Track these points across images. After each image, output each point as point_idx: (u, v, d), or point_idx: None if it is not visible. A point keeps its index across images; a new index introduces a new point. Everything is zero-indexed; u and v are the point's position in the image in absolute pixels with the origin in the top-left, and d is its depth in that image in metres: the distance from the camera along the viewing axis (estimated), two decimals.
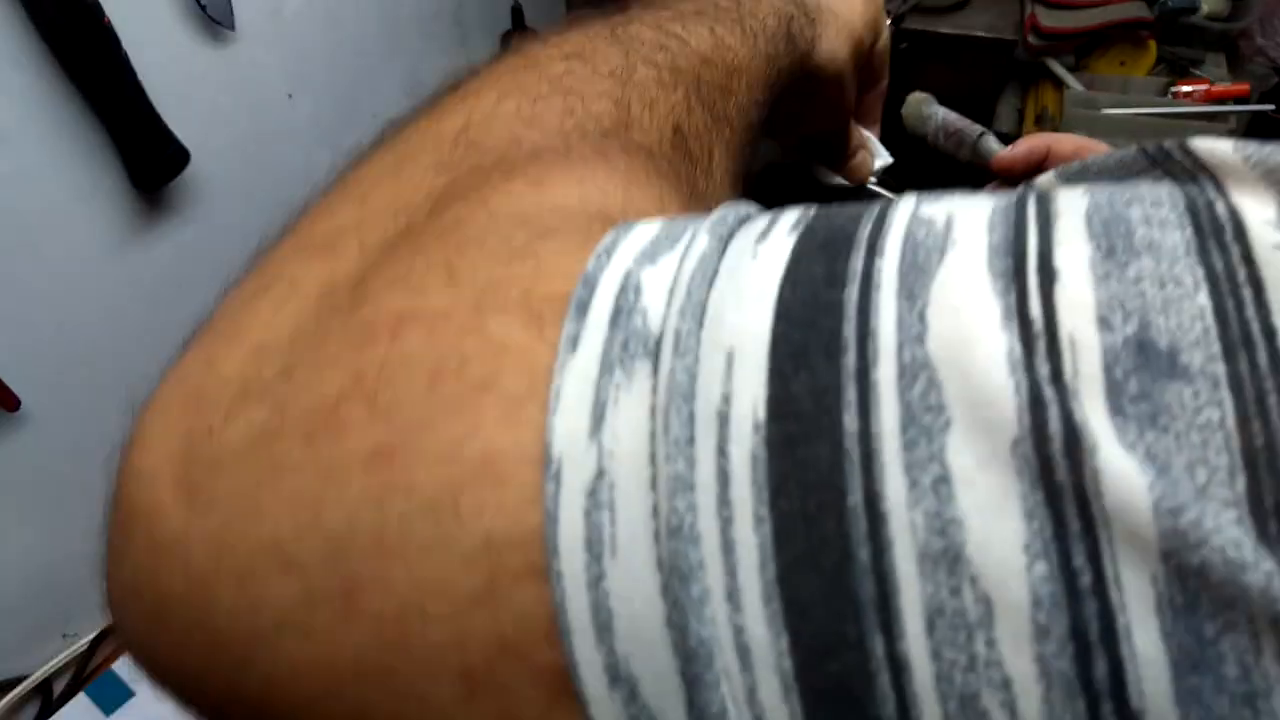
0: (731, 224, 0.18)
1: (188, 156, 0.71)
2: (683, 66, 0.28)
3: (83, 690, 0.79)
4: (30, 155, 0.64)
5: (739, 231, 0.18)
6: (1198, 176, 0.16)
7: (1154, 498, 0.12)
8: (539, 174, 0.22)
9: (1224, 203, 0.15)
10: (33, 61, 0.61)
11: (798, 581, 0.14)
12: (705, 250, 0.17)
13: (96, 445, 0.87)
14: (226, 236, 0.81)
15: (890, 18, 1.39)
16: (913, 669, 0.13)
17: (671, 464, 0.15)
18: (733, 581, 0.14)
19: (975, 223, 0.16)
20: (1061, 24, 1.44)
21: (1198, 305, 0.14)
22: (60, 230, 0.68)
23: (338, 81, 0.85)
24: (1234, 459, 0.13)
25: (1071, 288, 0.14)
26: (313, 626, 0.16)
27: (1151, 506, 0.12)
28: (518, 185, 0.21)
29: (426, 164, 0.23)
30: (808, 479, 0.14)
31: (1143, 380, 0.13)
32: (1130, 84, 1.46)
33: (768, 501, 0.14)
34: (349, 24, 0.84)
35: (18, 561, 0.77)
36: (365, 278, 0.20)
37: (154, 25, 0.67)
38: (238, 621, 0.17)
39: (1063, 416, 0.13)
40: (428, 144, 0.24)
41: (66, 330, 0.72)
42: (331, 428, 0.17)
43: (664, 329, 0.16)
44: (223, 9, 0.70)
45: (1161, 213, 0.15)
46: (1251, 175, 0.15)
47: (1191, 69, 1.47)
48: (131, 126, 0.66)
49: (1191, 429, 0.13)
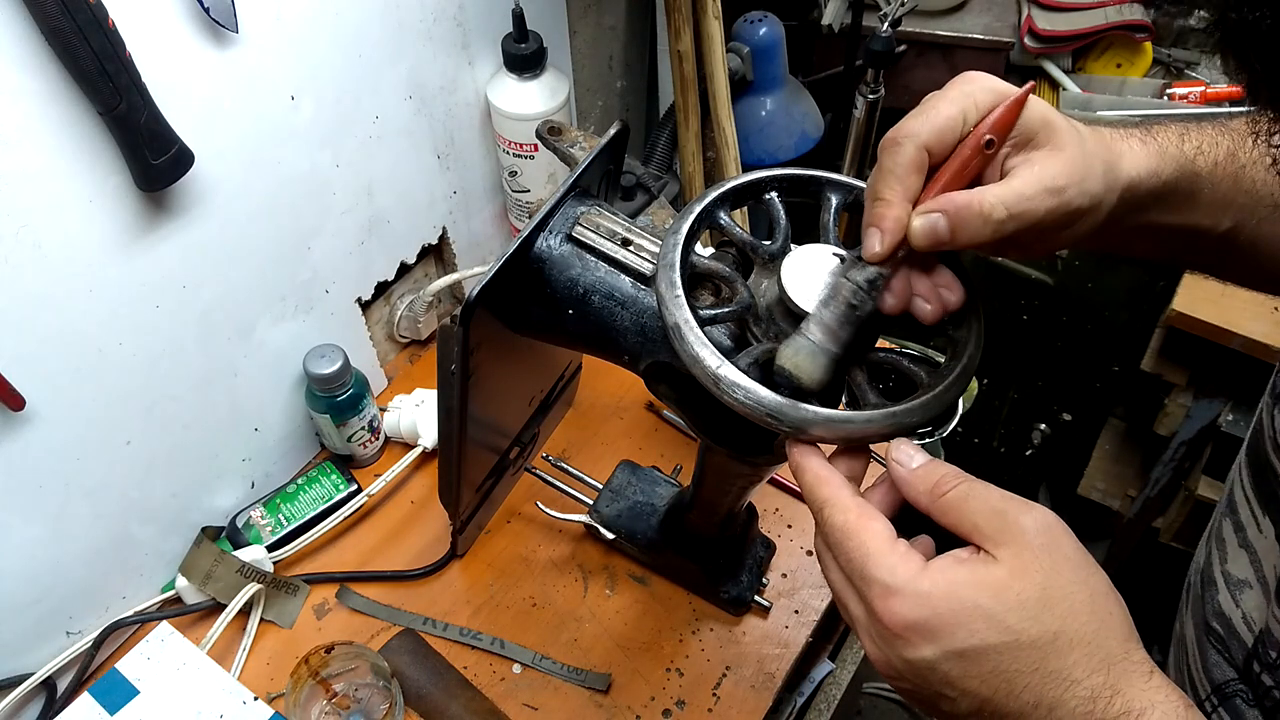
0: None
1: (192, 158, 0.72)
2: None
3: (86, 689, 0.79)
4: (35, 156, 0.64)
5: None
6: None
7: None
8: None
9: None
10: (37, 63, 0.61)
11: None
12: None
13: (101, 444, 0.88)
14: (230, 237, 0.82)
15: (887, 20, 1.40)
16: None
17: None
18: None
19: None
20: (1058, 27, 1.45)
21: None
22: (65, 231, 0.68)
23: (340, 83, 0.86)
24: None
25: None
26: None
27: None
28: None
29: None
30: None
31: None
32: (1127, 86, 1.47)
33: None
34: (351, 26, 0.84)
35: (22, 559, 0.78)
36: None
37: (158, 27, 0.68)
38: None
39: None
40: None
41: (71, 330, 0.73)
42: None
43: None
44: (225, 11, 0.71)
45: None
46: None
47: (1187, 71, 1.48)
48: (136, 128, 0.66)
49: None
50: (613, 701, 0.87)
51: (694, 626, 0.92)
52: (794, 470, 0.51)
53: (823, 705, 0.99)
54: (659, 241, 0.66)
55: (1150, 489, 1.57)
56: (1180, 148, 0.52)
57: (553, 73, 1.04)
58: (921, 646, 0.43)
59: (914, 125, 0.49)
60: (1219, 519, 0.67)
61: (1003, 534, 0.44)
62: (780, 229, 0.60)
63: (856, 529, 0.46)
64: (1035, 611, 0.42)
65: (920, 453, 0.49)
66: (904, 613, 0.43)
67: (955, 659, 0.42)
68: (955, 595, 0.43)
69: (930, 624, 0.43)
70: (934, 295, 0.51)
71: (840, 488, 0.48)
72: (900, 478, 0.48)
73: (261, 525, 0.95)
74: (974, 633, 0.42)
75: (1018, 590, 0.42)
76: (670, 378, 0.64)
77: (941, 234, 0.48)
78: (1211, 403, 1.43)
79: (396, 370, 1.14)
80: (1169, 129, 0.53)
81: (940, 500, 0.46)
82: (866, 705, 1.87)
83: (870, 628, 0.46)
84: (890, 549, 0.45)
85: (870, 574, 0.44)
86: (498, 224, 1.19)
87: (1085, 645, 0.42)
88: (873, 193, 0.50)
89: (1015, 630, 0.42)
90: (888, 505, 0.49)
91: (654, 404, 1.10)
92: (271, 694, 0.84)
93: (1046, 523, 0.44)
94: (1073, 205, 0.48)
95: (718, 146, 1.31)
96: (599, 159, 0.71)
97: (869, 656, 0.47)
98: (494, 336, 0.69)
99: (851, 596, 0.47)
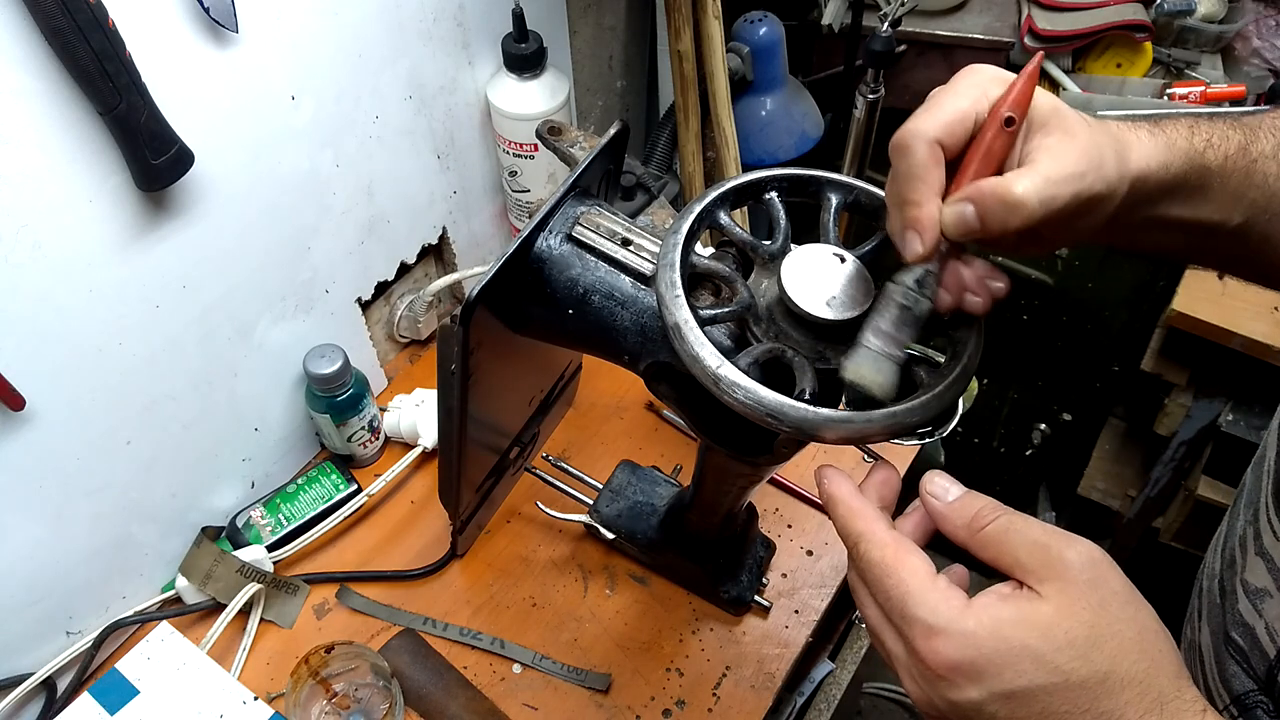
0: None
1: (192, 158, 0.72)
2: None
3: (86, 689, 0.79)
4: (35, 156, 0.64)
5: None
6: None
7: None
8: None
9: None
10: (37, 63, 0.61)
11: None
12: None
13: (101, 444, 0.88)
14: (230, 237, 0.82)
15: (887, 21, 1.39)
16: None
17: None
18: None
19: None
20: (1058, 26, 1.45)
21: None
22: (65, 231, 0.68)
23: (340, 83, 0.86)
24: None
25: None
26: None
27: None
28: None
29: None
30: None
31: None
32: (1127, 86, 1.47)
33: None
34: (351, 26, 0.84)
35: (22, 559, 0.78)
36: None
37: (158, 27, 0.68)
38: None
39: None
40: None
41: (71, 330, 0.73)
42: None
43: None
44: (225, 11, 0.71)
45: None
46: None
47: (1188, 71, 1.48)
48: (136, 128, 0.66)
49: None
50: (613, 701, 0.87)
51: (694, 626, 0.92)
52: (825, 502, 0.50)
53: (823, 705, 0.99)
54: (659, 241, 0.66)
55: (1150, 489, 1.57)
56: (1190, 141, 0.51)
57: (553, 73, 1.04)
58: (967, 688, 0.42)
59: (920, 122, 0.48)
60: (1243, 526, 0.66)
61: (1047, 569, 0.43)
62: (780, 229, 0.60)
63: (895, 566, 0.45)
64: (1084, 650, 0.41)
65: (955, 484, 0.48)
66: (948, 653, 0.42)
67: (1003, 700, 0.42)
68: (1001, 635, 0.42)
69: (977, 665, 0.42)
70: (982, 287, 0.50)
71: (875, 521, 0.47)
72: (937, 511, 0.47)
73: (261, 525, 0.95)
74: (1022, 673, 0.41)
75: (1066, 629, 0.41)
76: (670, 378, 0.64)
77: (971, 222, 0.47)
78: (1211, 403, 1.43)
79: (396, 370, 1.14)
80: (1178, 122, 0.52)
81: (980, 535, 0.45)
82: (866, 705, 1.87)
83: (911, 667, 0.45)
84: (931, 586, 0.44)
85: (911, 613, 0.43)
86: (498, 224, 1.19)
87: (1137, 685, 0.41)
88: (898, 198, 0.49)
89: (1065, 671, 0.41)
90: (921, 534, 0.48)
91: (654, 404, 1.10)
92: (271, 694, 0.84)
93: (1092, 557, 0.43)
94: (1092, 191, 0.47)
95: (718, 146, 1.31)
96: (599, 159, 0.71)
97: (910, 695, 0.46)
98: (494, 336, 0.69)
99: (890, 634, 0.46)
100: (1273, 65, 1.47)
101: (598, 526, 0.92)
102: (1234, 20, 1.49)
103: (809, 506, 1.01)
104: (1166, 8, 1.45)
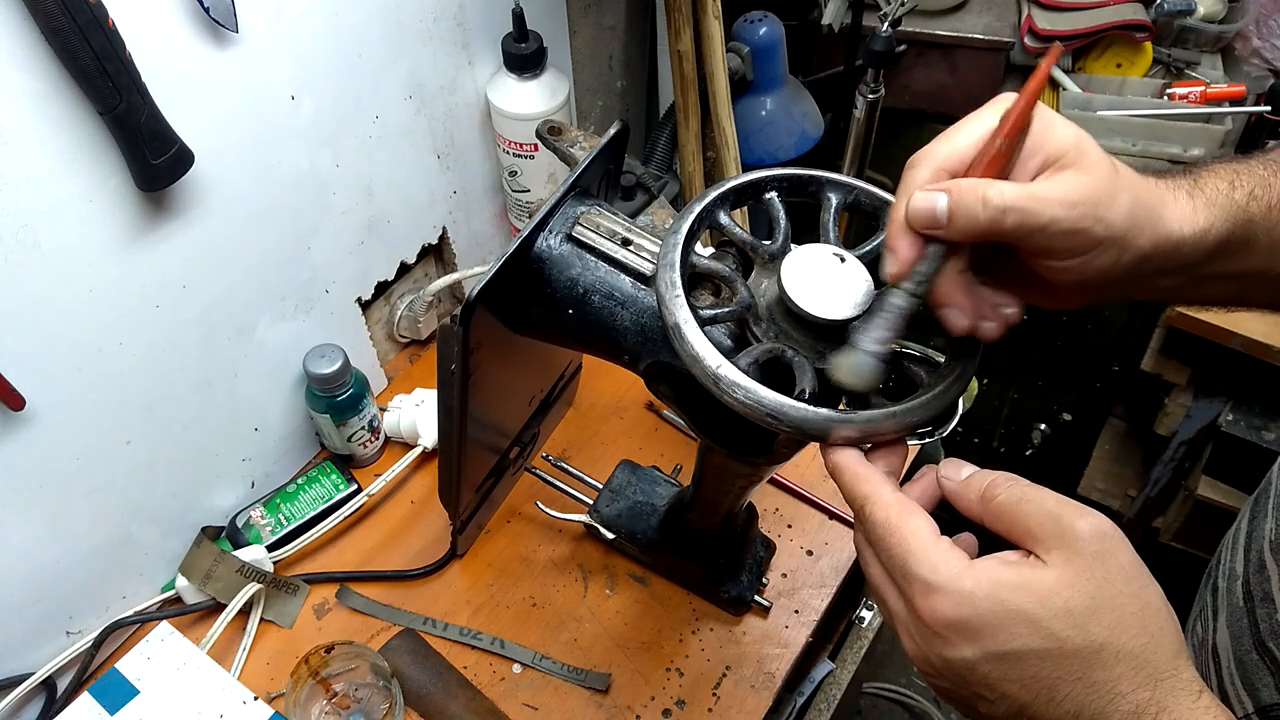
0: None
1: (192, 158, 0.72)
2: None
3: (86, 689, 0.79)
4: (34, 156, 0.64)
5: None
6: None
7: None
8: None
9: None
10: (37, 63, 0.61)
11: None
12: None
13: (101, 444, 0.88)
14: (230, 237, 0.82)
15: (887, 20, 1.39)
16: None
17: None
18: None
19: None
20: (1058, 26, 1.45)
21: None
22: (65, 231, 0.68)
23: (340, 83, 0.86)
24: None
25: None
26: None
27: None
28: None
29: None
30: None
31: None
32: (1127, 86, 1.47)
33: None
34: (351, 26, 0.84)
35: (22, 559, 0.78)
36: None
37: (158, 27, 0.68)
38: None
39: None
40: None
41: (71, 330, 0.73)
42: None
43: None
44: (225, 11, 0.71)
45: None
46: None
47: (1188, 71, 1.48)
48: (136, 128, 0.66)
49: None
50: (613, 701, 0.87)
51: (694, 626, 0.92)
52: (831, 471, 0.50)
53: (823, 705, 0.99)
54: (659, 241, 0.66)
55: (1150, 489, 1.57)
56: (1231, 196, 0.50)
57: (553, 73, 1.04)
58: (961, 646, 0.43)
59: (932, 147, 0.49)
60: (1273, 530, 0.65)
61: (1056, 538, 0.43)
62: (780, 229, 0.60)
63: (898, 525, 0.45)
64: (1081, 620, 0.41)
65: (968, 465, 0.48)
66: (944, 610, 0.43)
67: (995, 661, 0.42)
68: (997, 597, 0.42)
69: (971, 624, 0.42)
70: (996, 314, 0.50)
71: (881, 484, 0.48)
72: (951, 490, 0.48)
73: (261, 525, 0.95)
74: (1015, 636, 0.42)
75: (1065, 598, 0.42)
76: (670, 378, 0.64)
77: (940, 213, 0.46)
78: (1212, 402, 1.44)
79: (396, 370, 1.14)
80: (1218, 175, 0.51)
81: (993, 504, 0.46)
82: (866, 705, 1.87)
83: (909, 624, 0.45)
84: (933, 546, 0.45)
85: (912, 570, 0.44)
86: (498, 224, 1.19)
87: (1132, 659, 0.41)
88: (892, 216, 0.49)
89: (1059, 638, 0.41)
90: (928, 500, 0.49)
91: (654, 404, 1.10)
92: (271, 694, 0.84)
93: (1103, 530, 0.43)
94: (1083, 226, 0.46)
95: (718, 146, 1.31)
96: (599, 159, 0.71)
97: (906, 652, 0.46)
98: (494, 336, 0.69)
99: (891, 592, 0.46)
100: (1273, 65, 1.47)
101: (598, 526, 0.92)
102: (1234, 20, 1.49)
103: (809, 506, 1.01)
104: (1166, 8, 1.45)
